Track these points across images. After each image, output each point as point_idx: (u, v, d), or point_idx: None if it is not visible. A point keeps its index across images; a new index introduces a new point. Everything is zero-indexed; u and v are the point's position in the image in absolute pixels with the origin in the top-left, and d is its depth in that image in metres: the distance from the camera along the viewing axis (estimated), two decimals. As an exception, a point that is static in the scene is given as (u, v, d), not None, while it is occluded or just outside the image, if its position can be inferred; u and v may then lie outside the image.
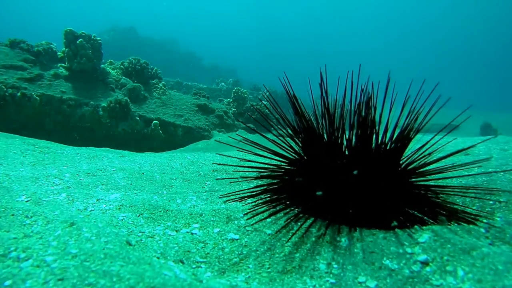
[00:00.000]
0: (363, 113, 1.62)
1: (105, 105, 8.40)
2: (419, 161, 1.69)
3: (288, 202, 1.83)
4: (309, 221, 1.70)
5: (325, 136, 1.75)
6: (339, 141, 1.72)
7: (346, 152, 1.73)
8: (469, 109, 1.72)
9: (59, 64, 9.29)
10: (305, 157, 1.84)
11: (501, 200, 1.78)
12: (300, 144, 1.85)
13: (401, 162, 1.72)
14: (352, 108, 1.63)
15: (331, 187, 1.65)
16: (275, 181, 1.92)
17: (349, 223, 1.63)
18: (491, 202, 1.77)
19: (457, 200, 1.83)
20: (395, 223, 1.58)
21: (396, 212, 1.63)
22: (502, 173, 2.39)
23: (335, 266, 1.40)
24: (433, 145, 1.66)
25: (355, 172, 1.55)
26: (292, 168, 1.89)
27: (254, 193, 1.93)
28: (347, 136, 1.69)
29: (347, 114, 1.66)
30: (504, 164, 2.79)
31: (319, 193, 1.56)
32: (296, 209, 1.80)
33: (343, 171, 1.65)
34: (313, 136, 1.78)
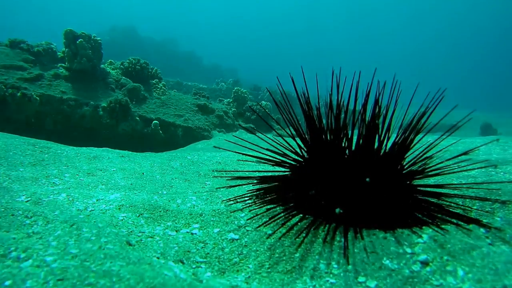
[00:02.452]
0: (368, 116, 1.62)
1: (105, 105, 8.40)
2: (420, 163, 1.69)
3: (288, 203, 1.83)
4: (308, 222, 1.70)
5: (329, 138, 1.74)
6: (343, 144, 1.72)
7: (347, 152, 1.73)
8: (469, 109, 1.72)
9: (59, 64, 9.29)
10: (307, 158, 1.84)
11: (501, 200, 1.77)
12: (302, 145, 1.85)
13: (403, 163, 1.72)
14: (358, 110, 1.62)
15: (332, 189, 1.65)
16: (275, 182, 1.92)
17: (350, 223, 1.63)
18: (491, 202, 1.77)
19: (457, 200, 1.83)
20: (399, 229, 1.58)
21: (397, 213, 1.63)
22: (502, 173, 2.39)
23: (335, 266, 1.39)
24: (434, 146, 1.66)
25: (367, 180, 1.53)
26: (293, 169, 1.89)
27: (254, 193, 1.93)
28: (349, 136, 1.69)
29: (351, 116, 1.66)
30: (505, 164, 2.79)
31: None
32: (296, 210, 1.80)
33: (346, 174, 1.65)
34: (318, 138, 1.78)
